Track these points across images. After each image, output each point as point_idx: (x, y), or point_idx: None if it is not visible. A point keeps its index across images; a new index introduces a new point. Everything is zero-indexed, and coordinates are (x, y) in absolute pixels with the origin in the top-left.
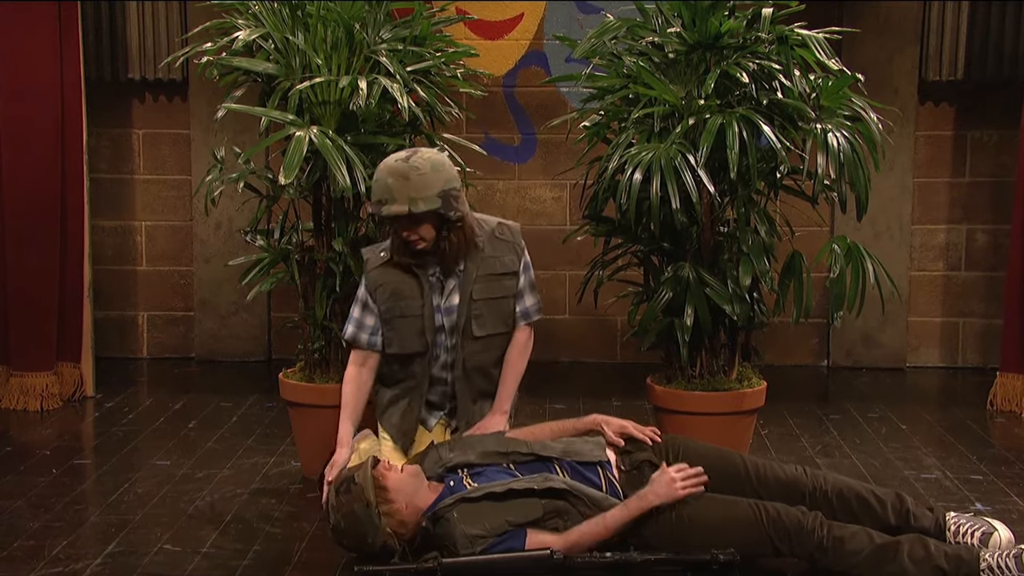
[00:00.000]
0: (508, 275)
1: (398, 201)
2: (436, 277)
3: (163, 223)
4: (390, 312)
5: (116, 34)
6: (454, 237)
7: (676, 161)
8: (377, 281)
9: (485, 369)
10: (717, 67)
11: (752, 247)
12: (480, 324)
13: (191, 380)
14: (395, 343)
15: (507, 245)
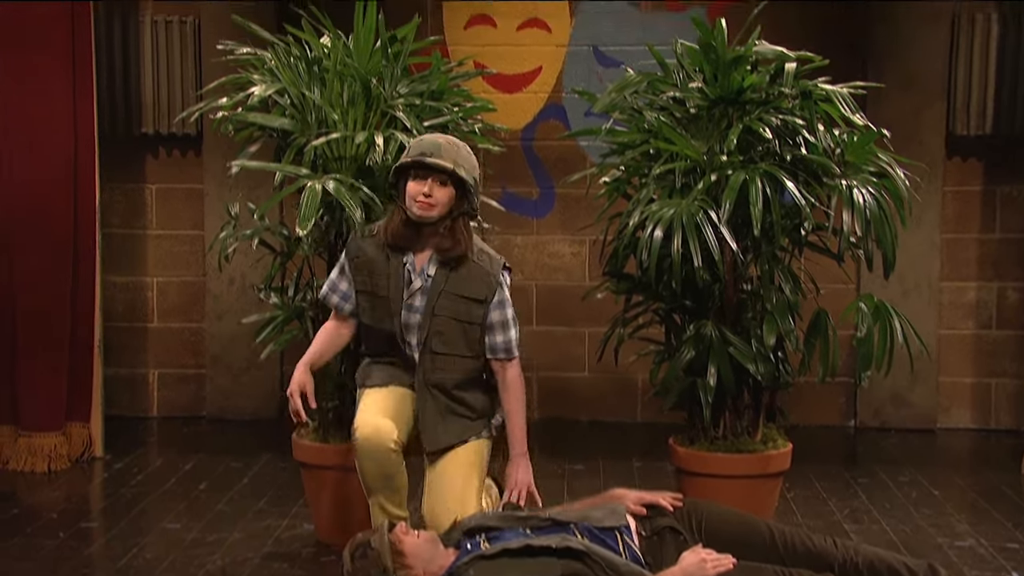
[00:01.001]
0: (475, 302)
1: (445, 158)
2: (408, 269)
3: (175, 279)
4: (363, 285)
5: (130, 89)
6: (460, 226)
7: (698, 218)
8: (356, 251)
9: (446, 389)
10: (740, 122)
11: (776, 305)
12: (441, 340)
13: (202, 439)
14: (367, 315)
15: (482, 272)
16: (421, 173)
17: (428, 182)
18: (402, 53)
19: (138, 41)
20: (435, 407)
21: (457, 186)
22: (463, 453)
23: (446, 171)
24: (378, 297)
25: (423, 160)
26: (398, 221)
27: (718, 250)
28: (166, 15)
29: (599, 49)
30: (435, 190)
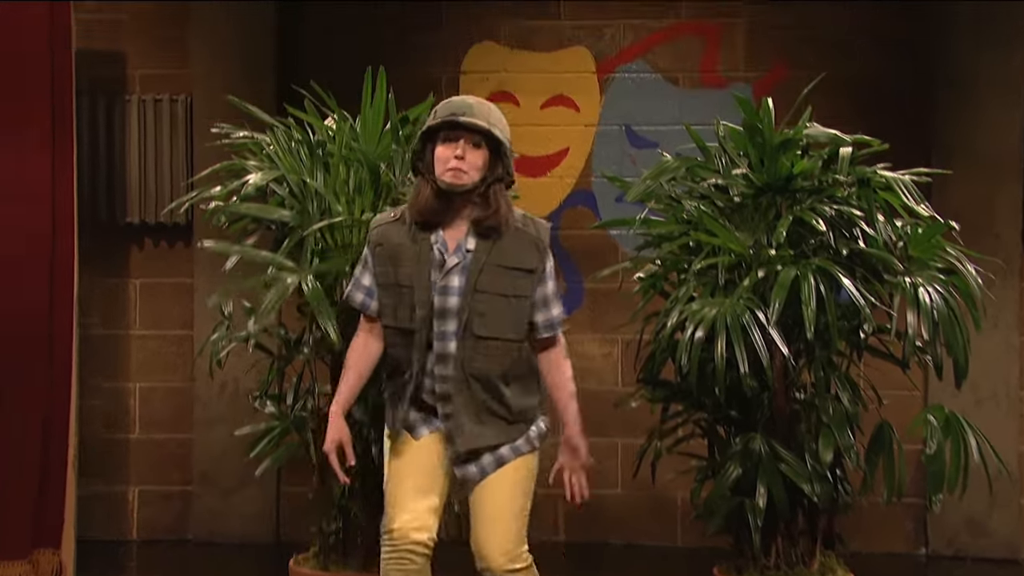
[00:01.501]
0: (523, 272)
1: (478, 118)
2: (438, 249)
3: (160, 384)
4: (384, 276)
5: (114, 173)
6: (495, 193)
7: (744, 318)
8: (378, 239)
9: (489, 381)
10: (789, 212)
11: (833, 417)
12: (483, 323)
13: (187, 566)
14: (388, 313)
15: (528, 239)
16: (452, 135)
17: (460, 144)
18: (414, 135)
19: (124, 121)
20: (472, 404)
21: (491, 149)
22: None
23: (480, 130)
24: (402, 288)
25: (455, 119)
26: (427, 193)
27: (767, 355)
28: (155, 93)
29: (632, 129)
30: (468, 152)
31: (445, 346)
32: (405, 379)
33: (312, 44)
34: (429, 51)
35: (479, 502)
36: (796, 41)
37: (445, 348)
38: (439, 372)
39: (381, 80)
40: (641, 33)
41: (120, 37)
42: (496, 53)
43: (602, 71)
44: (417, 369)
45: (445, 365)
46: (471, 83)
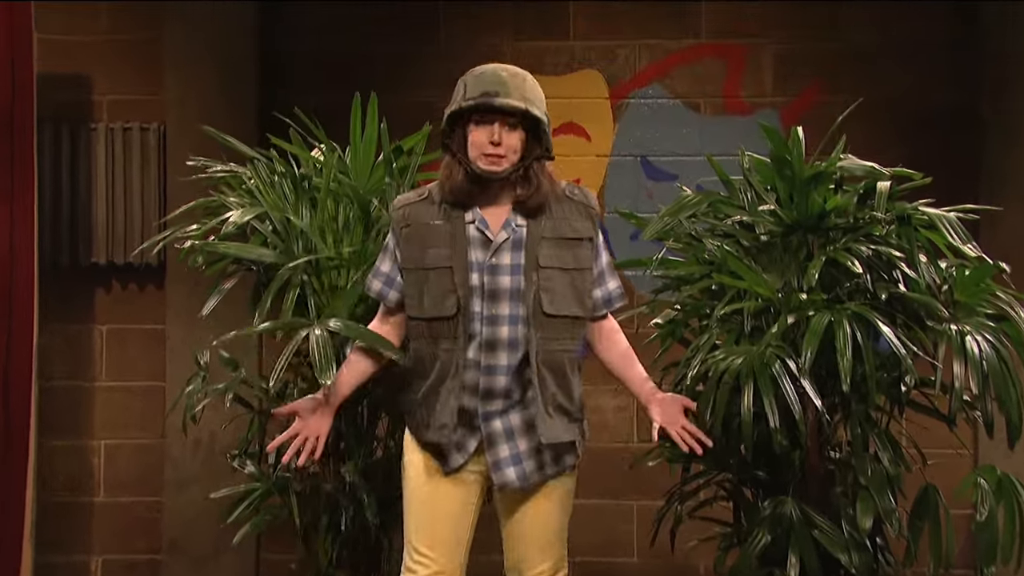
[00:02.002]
0: (582, 242)
1: (513, 96)
2: (477, 226)
3: (128, 441)
4: (411, 260)
5: (79, 209)
6: (535, 171)
7: (773, 368)
8: (403, 220)
9: (561, 369)
10: (822, 253)
11: (872, 479)
12: (551, 299)
13: None
14: (412, 303)
15: (579, 207)
16: (486, 117)
17: (495, 127)
18: (410, 168)
19: (89, 151)
20: (544, 396)
21: (528, 127)
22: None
23: (516, 112)
24: (431, 272)
25: (489, 101)
26: (460, 177)
27: (799, 408)
28: (124, 121)
29: (648, 160)
30: (504, 136)
31: (496, 332)
32: (435, 378)
33: (298, 69)
34: (425, 75)
35: (522, 517)
36: (829, 63)
37: (496, 334)
38: (487, 362)
39: (372, 107)
40: (658, 54)
41: (85, 59)
42: None
43: (615, 96)
44: (453, 363)
45: (495, 354)
46: None
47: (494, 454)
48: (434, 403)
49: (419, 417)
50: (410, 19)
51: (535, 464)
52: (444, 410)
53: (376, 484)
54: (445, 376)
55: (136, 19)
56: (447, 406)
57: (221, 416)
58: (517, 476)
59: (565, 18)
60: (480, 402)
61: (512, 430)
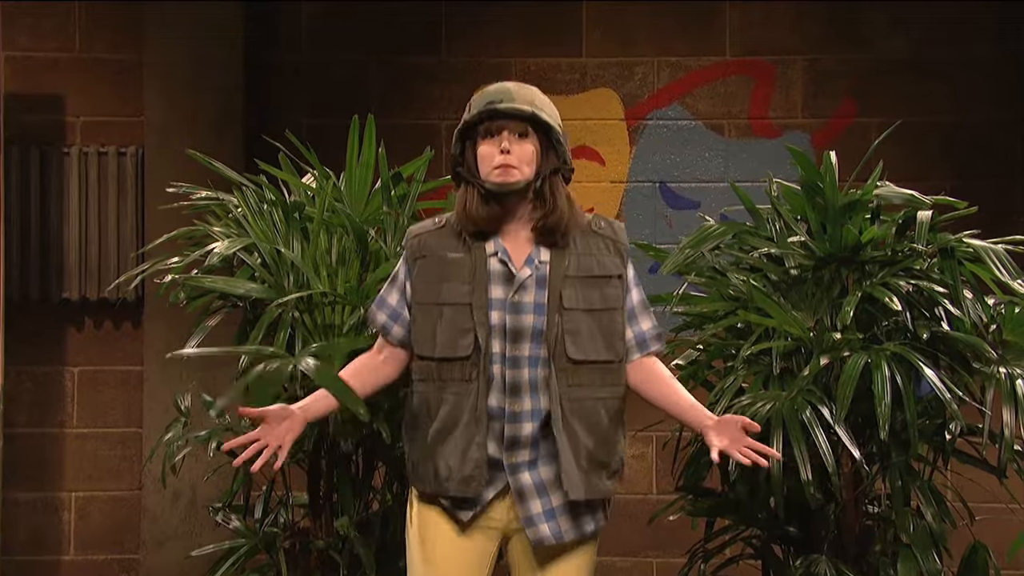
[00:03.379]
0: (610, 279)
1: (519, 102)
2: (500, 259)
3: (101, 494)
4: (425, 294)
5: (49, 241)
6: (552, 187)
7: (804, 415)
8: (418, 251)
9: (594, 417)
10: (857, 288)
11: (915, 536)
12: (578, 343)
13: None
14: (424, 340)
15: (606, 242)
16: (493, 127)
17: (503, 136)
18: (410, 196)
19: (62, 177)
20: (571, 448)
21: (540, 137)
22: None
23: (524, 116)
24: (446, 308)
25: (494, 108)
26: (475, 200)
27: (832, 459)
28: (99, 145)
29: (667, 186)
30: (514, 144)
31: (519, 375)
32: (440, 425)
33: (288, 89)
34: (427, 96)
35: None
36: (864, 81)
37: (519, 377)
38: (511, 408)
39: (370, 130)
40: (678, 72)
41: (57, 77)
42: None
43: (632, 117)
44: (463, 409)
45: (519, 399)
46: None
47: (526, 509)
48: (443, 454)
49: (426, 469)
50: (410, 35)
51: (570, 520)
52: (467, 462)
53: (373, 539)
54: (454, 424)
55: (113, 34)
56: (468, 457)
57: (203, 466)
58: (552, 533)
59: (578, 32)
60: (505, 452)
61: (544, 484)
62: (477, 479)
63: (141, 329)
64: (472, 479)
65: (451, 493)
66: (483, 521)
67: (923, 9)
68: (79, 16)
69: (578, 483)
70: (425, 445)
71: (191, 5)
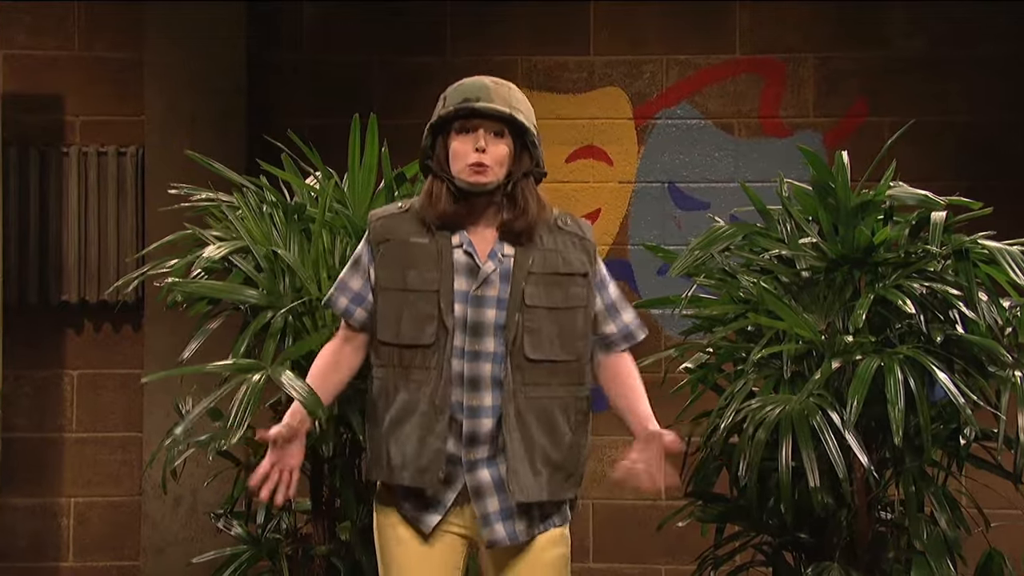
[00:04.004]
0: (575, 277)
1: (497, 102)
2: (465, 250)
3: (100, 499)
4: (388, 280)
5: (48, 243)
6: (523, 190)
7: (814, 419)
8: (382, 234)
9: (548, 416)
10: (870, 291)
11: (929, 543)
12: (535, 343)
13: None
14: (387, 326)
15: (572, 239)
16: (468, 125)
17: (479, 134)
18: (412, 196)
19: (60, 178)
20: (526, 447)
21: (515, 138)
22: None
23: (502, 117)
24: (411, 295)
25: (470, 106)
26: (444, 196)
27: (843, 465)
28: (99, 145)
29: (676, 187)
30: (489, 144)
31: (478, 369)
32: (397, 412)
33: (290, 88)
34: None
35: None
36: (877, 80)
37: (479, 372)
38: (470, 403)
39: (372, 130)
40: (687, 71)
41: (57, 76)
42: None
43: (640, 116)
44: (421, 398)
45: (478, 394)
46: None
47: (482, 507)
48: (399, 440)
49: (379, 456)
50: (414, 33)
51: (526, 521)
52: (424, 452)
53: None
54: (411, 412)
55: (113, 33)
56: (427, 447)
57: (204, 471)
58: (507, 533)
59: (585, 30)
60: (464, 448)
61: (502, 481)
62: (432, 471)
63: (141, 332)
64: (427, 470)
65: (405, 483)
66: (445, 526)
67: (936, 7)
68: (78, 14)
69: (529, 485)
70: (382, 432)
71: (192, 4)
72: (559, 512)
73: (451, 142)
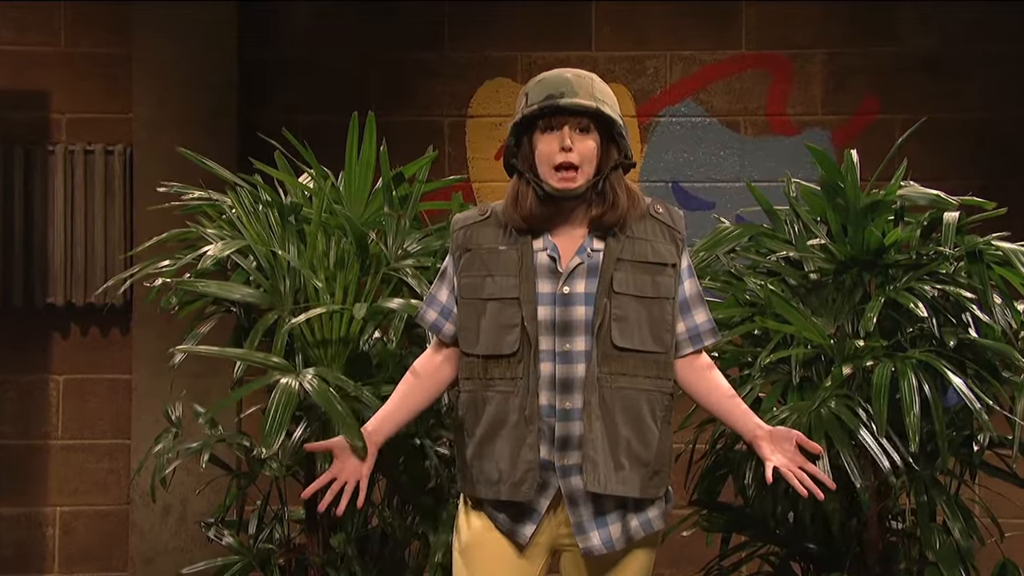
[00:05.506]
0: (664, 267)
1: (581, 95)
2: (548, 254)
3: (87, 508)
4: (469, 290)
5: (33, 243)
6: (612, 184)
7: (849, 422)
8: (464, 243)
9: (634, 410)
10: (880, 293)
11: (941, 553)
12: (624, 330)
13: None
14: (468, 337)
15: (663, 228)
16: (553, 122)
17: (564, 132)
18: (411, 197)
19: (46, 177)
20: (610, 440)
21: (602, 131)
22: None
23: (588, 111)
24: (490, 304)
25: (555, 103)
26: (530, 199)
27: (858, 473)
28: (86, 143)
29: (681, 186)
30: (576, 142)
31: (571, 371)
32: (488, 426)
33: (284, 84)
34: (429, 92)
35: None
36: (887, 76)
37: (571, 373)
38: (561, 406)
39: (370, 127)
40: (692, 67)
41: (43, 72)
42: (511, 92)
43: (643, 114)
44: (510, 409)
45: (570, 395)
46: (480, 129)
47: (577, 515)
48: (492, 455)
49: (475, 472)
50: (412, 29)
51: (621, 527)
52: (517, 465)
53: (371, 556)
54: (501, 424)
55: (100, 29)
56: (520, 460)
57: (195, 479)
58: (603, 540)
59: (587, 25)
60: (556, 453)
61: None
62: (529, 483)
63: (130, 336)
64: (523, 483)
65: (503, 497)
66: (536, 536)
67: (947, 4)
68: (65, 9)
69: (608, 476)
70: (474, 447)
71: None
72: (660, 514)
73: (536, 141)
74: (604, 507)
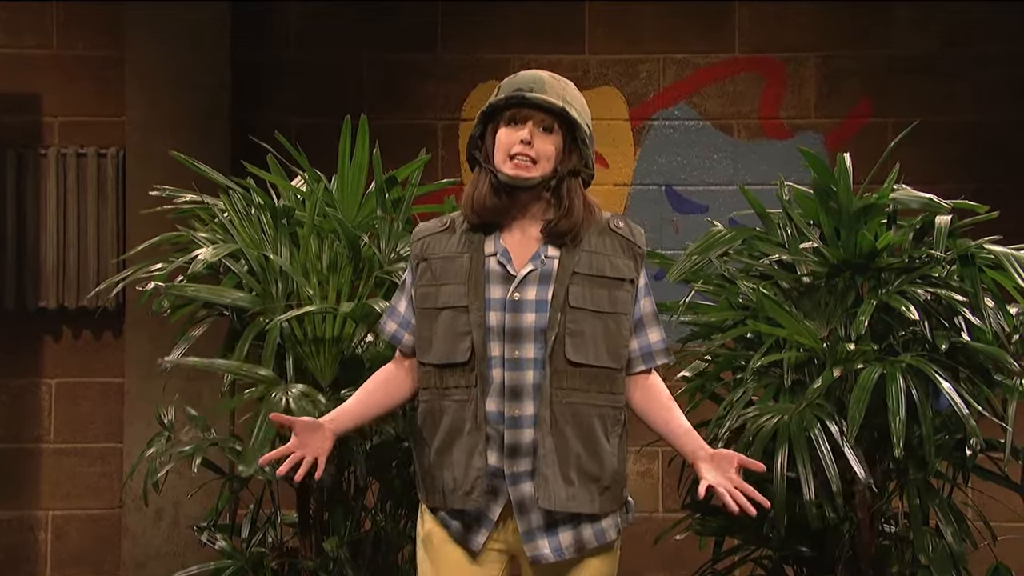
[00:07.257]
0: (622, 283)
1: (549, 94)
2: (499, 260)
3: (79, 512)
4: (425, 299)
5: (25, 247)
6: (569, 189)
7: (813, 431)
8: (421, 253)
9: (587, 425)
10: (872, 297)
11: (934, 556)
12: (579, 345)
13: None
14: (423, 347)
15: (623, 244)
16: (518, 115)
17: (527, 127)
18: (404, 200)
19: (38, 180)
20: (561, 455)
21: (566, 134)
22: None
23: (552, 109)
24: (443, 312)
25: (522, 96)
26: (485, 187)
27: (837, 478)
28: (78, 146)
29: (674, 189)
30: (537, 137)
31: (520, 377)
32: (445, 435)
33: (277, 88)
34: (422, 94)
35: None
36: (880, 80)
37: (521, 380)
38: (511, 413)
39: (363, 130)
40: (685, 70)
41: (34, 75)
42: None
43: (637, 117)
44: (465, 417)
45: (519, 403)
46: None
47: (526, 522)
48: (449, 464)
49: (431, 481)
50: (405, 31)
51: (572, 536)
52: (468, 473)
53: (364, 561)
54: (457, 433)
55: (92, 30)
56: (471, 468)
57: (187, 483)
58: (552, 548)
59: (580, 28)
60: (506, 460)
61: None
62: (479, 490)
63: (122, 339)
64: (473, 490)
65: (456, 506)
66: (490, 544)
67: (941, 6)
68: (57, 11)
69: (558, 493)
70: (432, 457)
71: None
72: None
73: (499, 132)
74: (555, 516)
